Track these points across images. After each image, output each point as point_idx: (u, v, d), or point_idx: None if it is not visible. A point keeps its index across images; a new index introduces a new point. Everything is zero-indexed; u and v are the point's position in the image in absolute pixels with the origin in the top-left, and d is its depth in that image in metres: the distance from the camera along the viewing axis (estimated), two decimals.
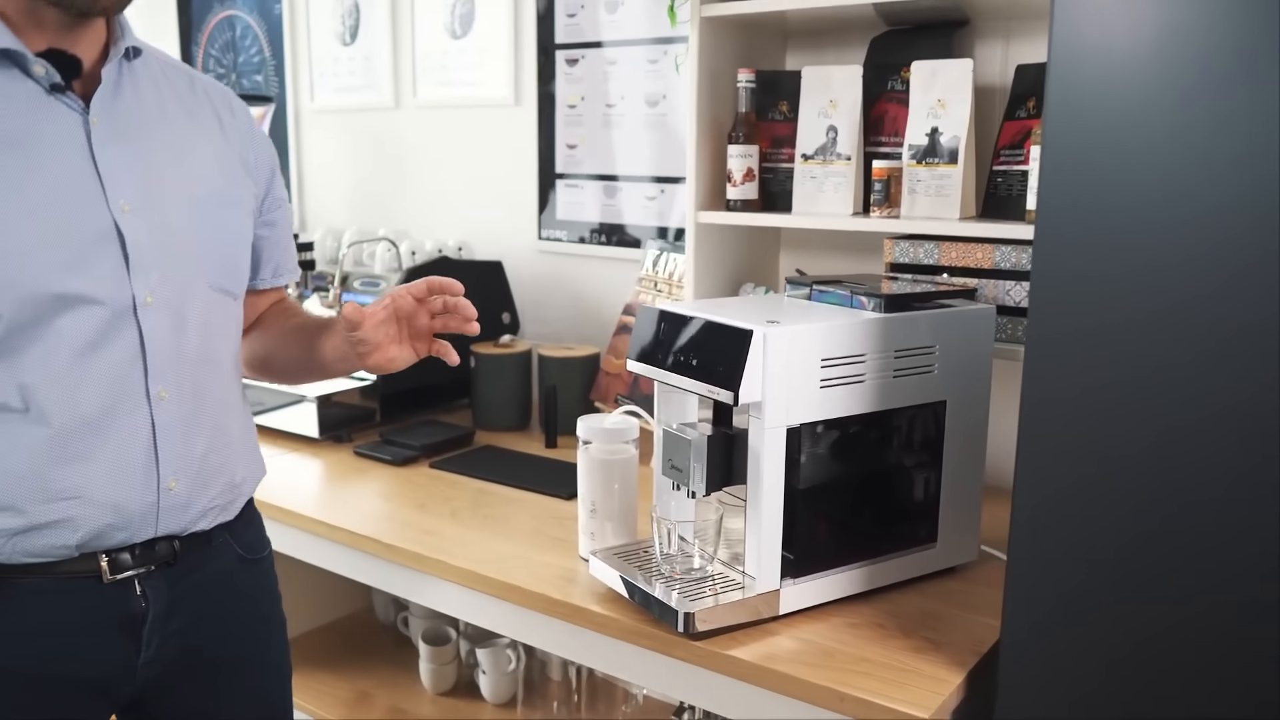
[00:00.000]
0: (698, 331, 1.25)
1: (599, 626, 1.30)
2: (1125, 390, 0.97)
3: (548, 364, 2.06)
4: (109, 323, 1.04)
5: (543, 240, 2.34)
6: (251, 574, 1.25)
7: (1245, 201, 0.89)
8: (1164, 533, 0.97)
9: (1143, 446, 0.97)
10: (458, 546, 1.50)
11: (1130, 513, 0.98)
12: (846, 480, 1.29)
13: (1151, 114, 0.92)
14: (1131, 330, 0.96)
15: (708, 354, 1.22)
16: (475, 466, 1.85)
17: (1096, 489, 1.00)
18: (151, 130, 1.11)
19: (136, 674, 1.12)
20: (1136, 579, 0.99)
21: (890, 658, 1.19)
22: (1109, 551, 1.00)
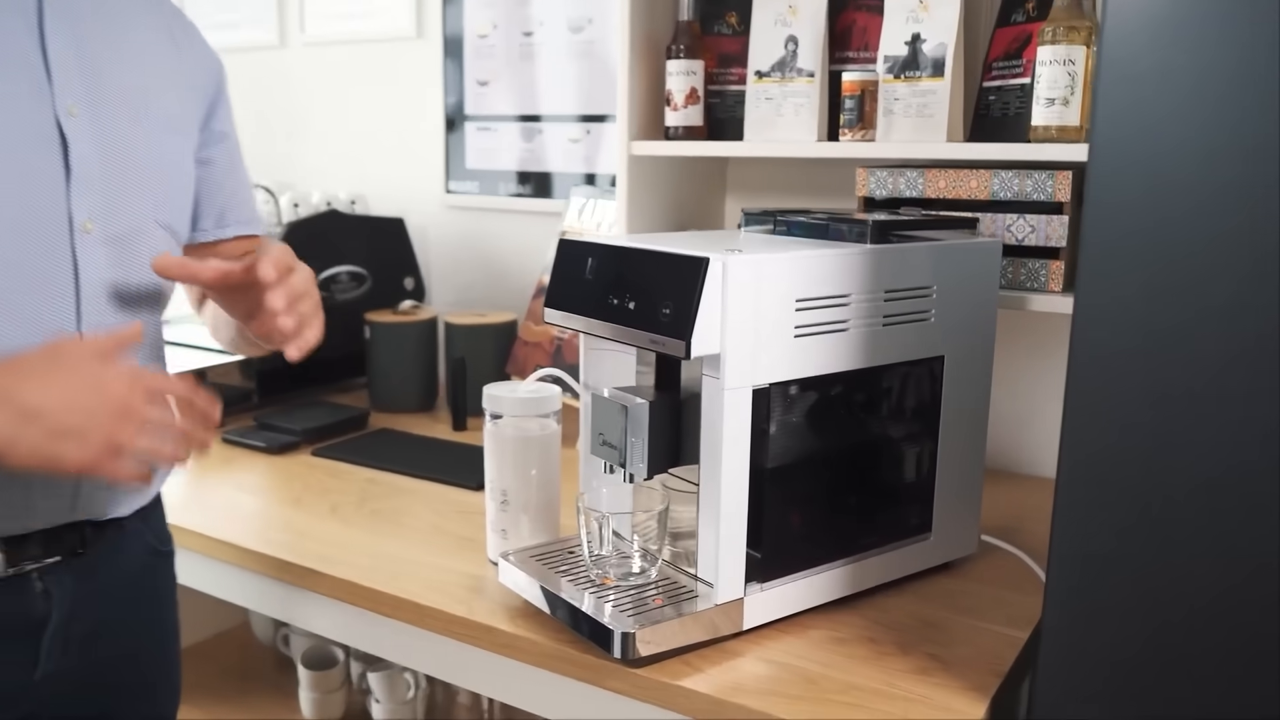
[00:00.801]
0: (635, 266, 0.96)
1: (511, 650, 1.01)
2: (1184, 328, 0.72)
3: (455, 333, 1.75)
4: (39, 249, 0.86)
5: (450, 193, 2.03)
6: (163, 569, 1.09)
7: None
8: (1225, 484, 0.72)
9: (1202, 390, 0.72)
10: (337, 550, 1.20)
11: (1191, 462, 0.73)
12: (826, 456, 1.02)
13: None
14: (1191, 268, 0.71)
15: (649, 295, 0.94)
16: (366, 453, 1.54)
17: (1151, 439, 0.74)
18: (109, 27, 0.94)
19: (29, 693, 0.93)
20: (1195, 539, 0.74)
21: (888, 683, 0.92)
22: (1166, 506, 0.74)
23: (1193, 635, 0.76)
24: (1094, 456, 0.79)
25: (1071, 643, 0.81)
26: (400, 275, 1.96)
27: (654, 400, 0.99)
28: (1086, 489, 0.79)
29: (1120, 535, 0.78)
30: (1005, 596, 1.09)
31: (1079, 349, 0.78)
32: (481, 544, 1.22)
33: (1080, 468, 0.79)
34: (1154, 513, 0.76)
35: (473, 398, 1.73)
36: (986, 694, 0.90)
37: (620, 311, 0.96)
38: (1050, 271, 1.21)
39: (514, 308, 1.96)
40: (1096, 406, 0.78)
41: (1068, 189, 1.19)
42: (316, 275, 1.04)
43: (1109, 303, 0.77)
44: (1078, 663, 0.81)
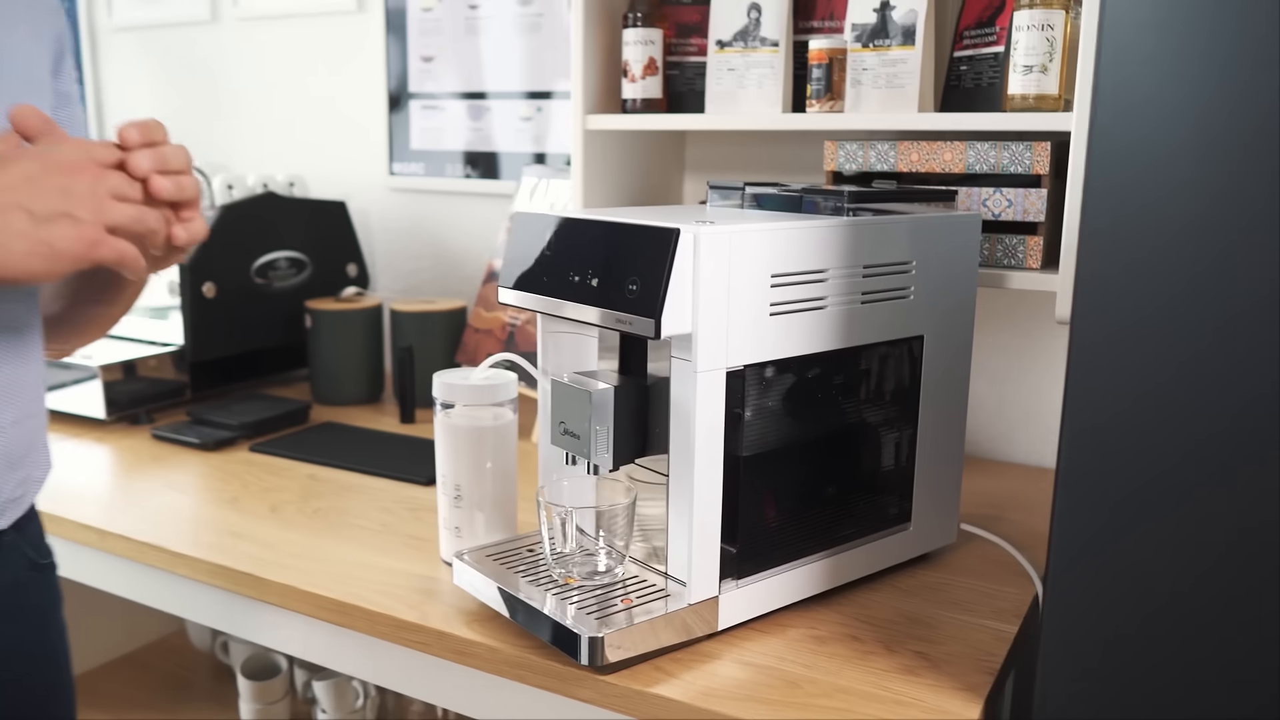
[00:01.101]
0: (599, 240, 0.89)
1: (468, 658, 0.93)
2: (1185, 304, 0.67)
3: (402, 321, 1.67)
4: None
5: (395, 175, 1.93)
6: (43, 583, 0.96)
7: None
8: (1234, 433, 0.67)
9: (1203, 368, 0.66)
10: (277, 553, 1.11)
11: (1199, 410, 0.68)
12: (803, 443, 0.95)
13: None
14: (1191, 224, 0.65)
15: (614, 270, 0.86)
16: (308, 448, 1.45)
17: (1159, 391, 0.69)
18: None
19: None
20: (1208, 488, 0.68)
21: (876, 684, 0.86)
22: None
23: (1197, 613, 0.71)
24: (1095, 439, 0.73)
25: (1072, 630, 0.75)
26: (342, 261, 1.87)
27: (619, 385, 0.92)
28: (1087, 475, 0.74)
29: (1121, 513, 0.72)
30: (989, 588, 1.04)
31: (1081, 328, 0.73)
32: (433, 543, 1.14)
33: (1081, 451, 0.74)
34: (1157, 492, 0.71)
35: (421, 388, 1.65)
36: (979, 694, 0.84)
37: (582, 289, 0.89)
38: (1028, 247, 1.16)
39: (463, 294, 1.88)
40: (1098, 389, 0.72)
41: (1046, 161, 1.13)
42: (253, 261, 0.94)
43: (1112, 277, 0.71)
44: (1080, 652, 0.76)
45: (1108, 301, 0.71)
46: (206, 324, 1.66)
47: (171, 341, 1.66)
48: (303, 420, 1.60)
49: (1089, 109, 1.08)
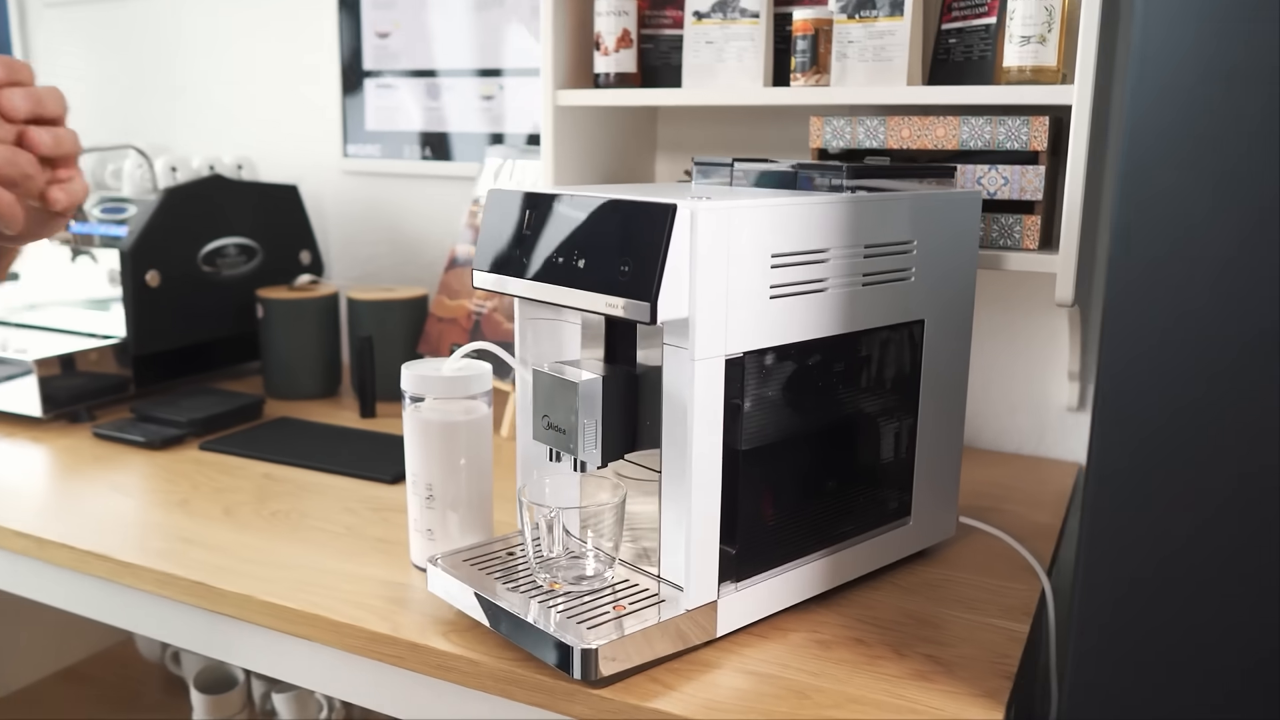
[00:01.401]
0: (587, 218, 0.82)
1: (445, 671, 0.86)
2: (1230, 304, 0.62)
3: (360, 310, 1.58)
4: None
5: (349, 157, 1.84)
6: None
7: None
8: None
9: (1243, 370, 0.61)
10: (233, 560, 1.03)
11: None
12: (804, 435, 0.89)
13: None
14: None
15: (604, 250, 0.79)
16: (263, 445, 1.36)
17: None
18: None
19: None
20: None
21: (889, 692, 0.80)
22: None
23: (1240, 620, 0.66)
24: (1130, 448, 0.68)
25: (1104, 637, 0.70)
26: (295, 248, 1.78)
27: (607, 375, 0.85)
28: (1121, 492, 0.69)
29: (1159, 512, 0.67)
30: (994, 585, 0.99)
31: (1113, 326, 0.67)
32: (403, 546, 1.06)
33: (1115, 462, 0.69)
34: (1199, 504, 0.66)
35: (381, 381, 1.57)
36: (999, 700, 0.79)
37: (567, 271, 0.82)
38: (1025, 227, 1.11)
39: (423, 282, 1.80)
40: (1133, 393, 0.67)
41: (1044, 136, 1.09)
42: (200, 248, 0.85)
43: (1154, 275, 0.66)
44: (1112, 656, 0.71)
45: (1146, 299, 0.66)
46: (150, 315, 1.56)
47: (113, 334, 1.56)
48: (256, 416, 1.51)
49: (1091, 80, 1.03)
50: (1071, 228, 1.06)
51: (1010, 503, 1.20)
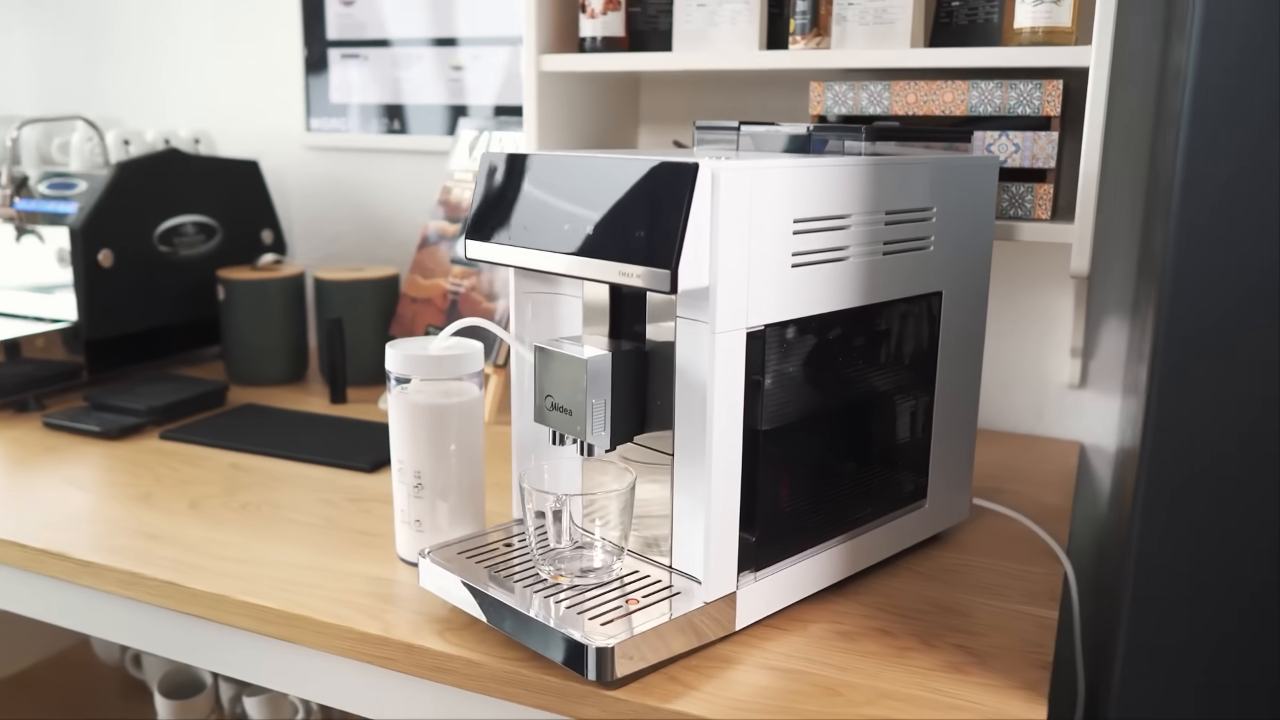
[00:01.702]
0: (596, 180, 0.75)
1: (444, 674, 0.80)
2: None
3: (329, 291, 1.50)
4: None
5: (313, 131, 1.75)
6: None
7: None
8: None
9: None
10: (202, 557, 0.95)
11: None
12: (824, 413, 0.84)
13: None
14: None
15: (616, 215, 0.73)
16: (228, 434, 1.28)
17: None
18: None
19: None
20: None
21: (922, 686, 0.75)
22: None
23: None
24: (1187, 447, 0.63)
25: (1159, 625, 0.66)
26: (256, 226, 1.69)
27: (616, 352, 0.79)
28: (1176, 495, 0.64)
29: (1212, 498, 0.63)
30: (1014, 568, 0.94)
31: (1173, 309, 0.63)
32: (387, 539, 1.00)
33: (1169, 470, 0.64)
34: None
35: (352, 365, 1.49)
36: (1040, 692, 0.74)
37: (574, 239, 0.75)
38: (1037, 196, 1.07)
39: (394, 261, 1.72)
40: (1192, 385, 0.62)
41: (1058, 101, 1.04)
42: (156, 227, 0.78)
43: (1214, 252, 0.61)
44: (1168, 645, 0.66)
45: (1207, 281, 0.61)
46: (103, 297, 1.47)
47: (62, 318, 1.46)
48: (219, 403, 1.42)
49: (1110, 41, 0.99)
50: (1088, 196, 1.01)
51: (1015, 483, 1.16)
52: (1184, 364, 0.63)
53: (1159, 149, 0.94)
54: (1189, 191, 0.61)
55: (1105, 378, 1.31)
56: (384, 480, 1.15)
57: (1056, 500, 1.11)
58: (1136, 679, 0.68)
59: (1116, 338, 1.29)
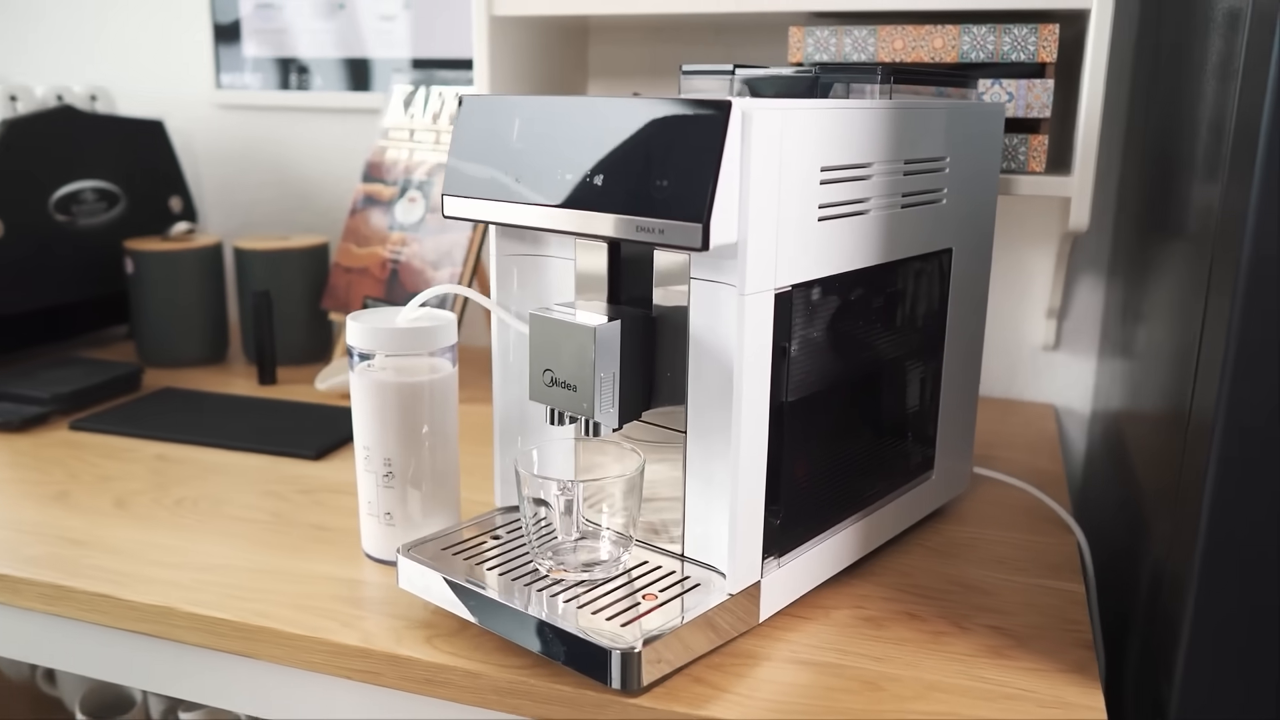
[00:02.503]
0: (605, 124, 0.66)
1: (436, 687, 0.71)
2: None
3: (251, 262, 1.37)
4: None
5: (224, 88, 1.61)
6: None
7: None
8: None
9: None
10: (137, 563, 0.84)
11: None
12: (843, 383, 0.77)
13: None
14: None
15: (630, 164, 0.64)
16: (148, 422, 1.15)
17: None
18: None
19: None
20: None
21: (967, 674, 0.69)
22: None
23: None
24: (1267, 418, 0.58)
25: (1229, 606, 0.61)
26: (163, 193, 1.54)
27: (628, 319, 0.70)
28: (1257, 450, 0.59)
29: None
30: (1026, 540, 0.90)
31: (1252, 276, 0.57)
32: (349, 534, 0.89)
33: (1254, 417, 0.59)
34: None
35: (281, 342, 1.37)
36: (1091, 674, 0.69)
37: (580, 192, 0.66)
38: (1031, 148, 1.02)
39: (319, 229, 1.60)
40: None
41: (1053, 47, 0.99)
42: (51, 193, 0.67)
43: None
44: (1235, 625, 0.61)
45: None
46: None
47: None
48: (134, 387, 1.29)
49: None
50: (1089, 146, 0.96)
51: (1003, 449, 1.12)
52: (1265, 332, 0.58)
53: (1167, 98, 0.90)
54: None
55: (1079, 339, 1.27)
56: (333, 468, 1.04)
57: (1047, 465, 1.07)
58: (1201, 670, 0.63)
59: (1091, 298, 1.26)
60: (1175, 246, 0.78)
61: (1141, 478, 0.84)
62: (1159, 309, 0.83)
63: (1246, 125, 0.59)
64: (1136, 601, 0.80)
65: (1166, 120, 0.88)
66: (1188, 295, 0.71)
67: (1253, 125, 0.57)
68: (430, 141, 1.33)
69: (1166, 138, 0.87)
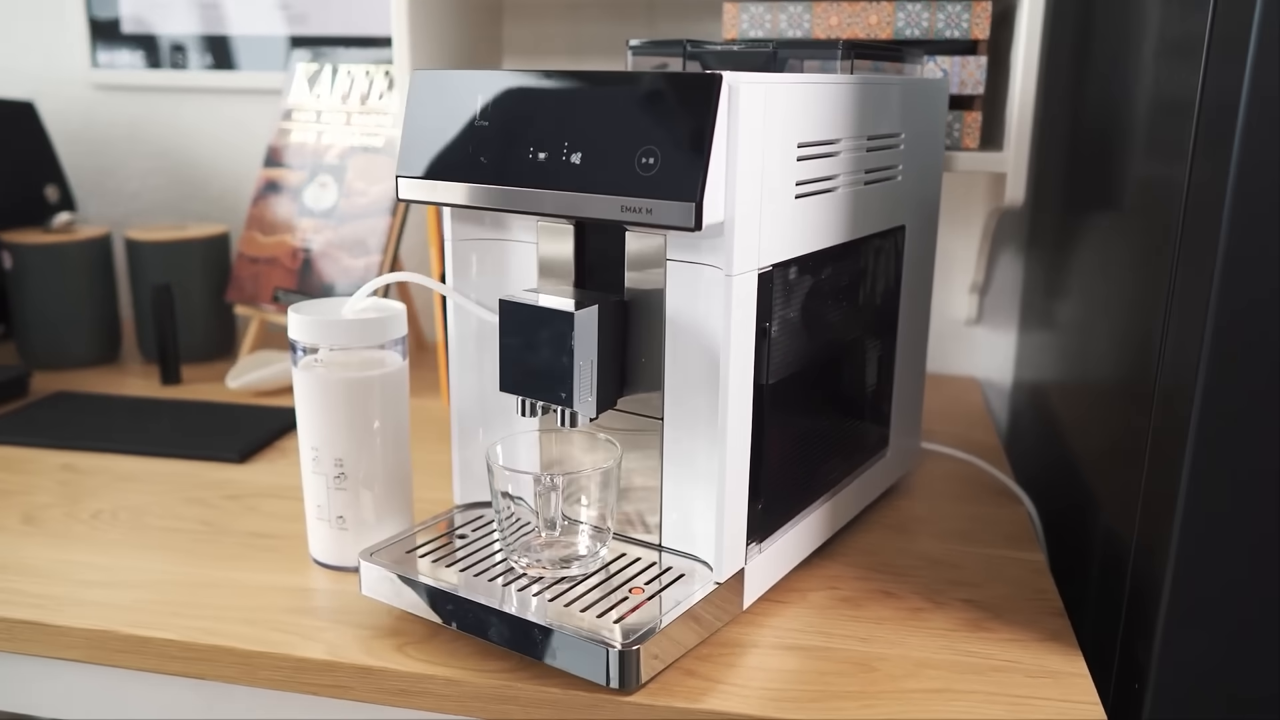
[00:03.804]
0: (578, 98, 0.63)
1: (413, 697, 0.67)
2: None
3: (145, 254, 1.28)
4: None
5: (100, 67, 1.49)
6: None
7: None
8: None
9: None
10: (61, 584, 0.77)
11: None
12: (814, 363, 0.76)
13: None
14: None
15: (610, 140, 0.61)
16: (46, 430, 1.06)
17: None
18: None
19: None
20: None
21: (951, 648, 0.69)
22: None
23: None
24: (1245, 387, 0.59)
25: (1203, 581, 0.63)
26: (37, 182, 1.42)
27: (604, 304, 0.67)
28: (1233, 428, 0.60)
29: None
30: (978, 512, 0.91)
31: (1230, 248, 0.58)
32: (290, 541, 0.84)
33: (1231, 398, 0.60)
34: None
35: (182, 339, 1.29)
36: (1069, 641, 0.70)
37: (553, 171, 0.63)
38: (966, 124, 1.03)
39: (214, 217, 1.51)
40: None
41: (986, 23, 1.00)
42: None
43: None
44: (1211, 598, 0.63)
45: None
46: None
47: None
48: (22, 392, 1.19)
49: None
50: (1024, 122, 0.98)
51: (935, 422, 1.13)
52: (1242, 302, 0.59)
53: (1102, 76, 0.91)
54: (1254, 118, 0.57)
55: (999, 313, 1.30)
56: (259, 470, 0.98)
57: (982, 436, 1.10)
58: (1181, 628, 0.65)
59: (1010, 272, 1.29)
60: (1119, 221, 0.80)
61: (1083, 444, 0.86)
62: (1098, 281, 0.85)
63: (1220, 102, 0.60)
64: (1083, 561, 0.82)
65: (1102, 97, 0.90)
66: (1139, 268, 0.72)
67: (1229, 102, 0.58)
68: (340, 123, 1.27)
69: (1104, 115, 0.89)
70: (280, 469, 0.99)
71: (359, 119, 1.26)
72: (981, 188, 1.26)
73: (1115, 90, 0.85)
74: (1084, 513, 0.84)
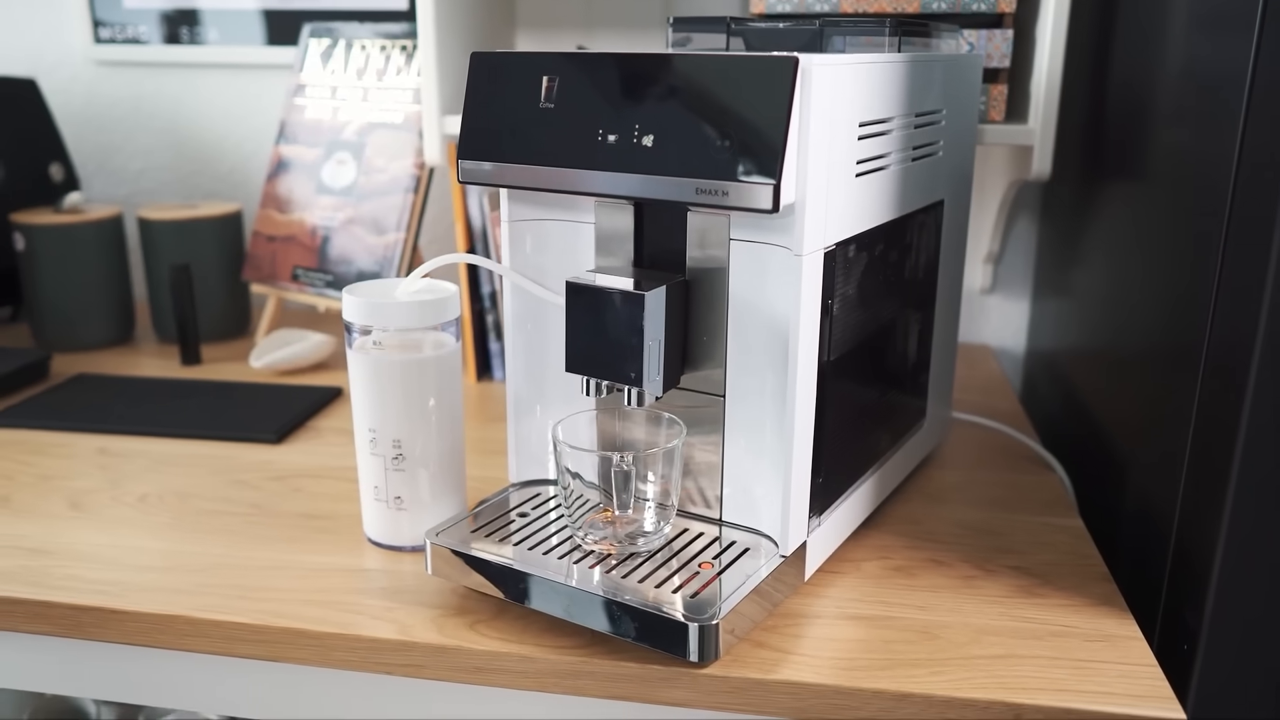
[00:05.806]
0: (655, 80, 0.63)
1: (487, 674, 0.68)
2: None
3: (159, 233, 1.27)
4: None
5: (103, 43, 1.47)
6: None
7: None
8: None
9: None
10: (117, 569, 0.77)
11: None
12: (867, 338, 0.77)
13: None
14: None
15: (683, 122, 0.62)
16: (76, 414, 1.06)
17: None
18: None
19: None
20: None
21: (1008, 614, 0.71)
22: None
23: None
24: None
25: None
26: (41, 161, 1.40)
27: (671, 285, 0.68)
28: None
29: None
30: (1012, 479, 0.93)
31: None
32: (342, 521, 0.85)
33: None
34: None
35: (200, 319, 1.28)
36: (1120, 606, 0.72)
37: (625, 153, 0.64)
38: (991, 98, 1.04)
39: (224, 195, 1.49)
40: None
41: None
42: None
43: None
44: None
45: None
46: None
47: None
48: (43, 376, 1.18)
49: None
50: (1052, 94, 0.99)
51: (958, 391, 1.15)
52: None
53: (1134, 49, 0.93)
54: None
55: (1012, 282, 1.32)
56: (297, 450, 0.98)
57: (1005, 405, 1.12)
58: (1232, 597, 0.67)
59: (1024, 241, 1.30)
60: (1152, 191, 0.81)
61: (1112, 410, 0.88)
62: (1129, 251, 0.86)
63: (1274, 71, 0.61)
64: (1112, 525, 0.85)
65: (1132, 69, 0.91)
66: (1178, 236, 0.74)
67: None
68: (357, 99, 1.26)
69: (1134, 87, 0.90)
70: (316, 449, 0.99)
71: (376, 95, 1.25)
72: (999, 160, 1.27)
73: (1147, 61, 0.86)
74: (1112, 477, 0.86)
